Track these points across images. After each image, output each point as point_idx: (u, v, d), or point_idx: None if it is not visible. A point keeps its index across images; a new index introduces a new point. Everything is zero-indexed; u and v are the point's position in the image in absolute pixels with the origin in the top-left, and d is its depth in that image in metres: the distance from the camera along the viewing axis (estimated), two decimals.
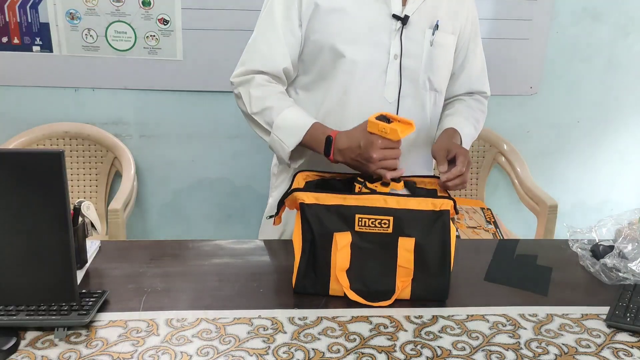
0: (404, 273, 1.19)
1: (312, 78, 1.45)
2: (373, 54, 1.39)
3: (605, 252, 1.36)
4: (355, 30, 1.37)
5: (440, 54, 1.44)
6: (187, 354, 1.02)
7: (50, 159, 0.95)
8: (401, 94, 1.42)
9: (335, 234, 1.18)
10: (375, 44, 1.39)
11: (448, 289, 1.21)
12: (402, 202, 1.18)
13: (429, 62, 1.43)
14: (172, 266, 1.33)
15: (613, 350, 1.08)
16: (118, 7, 2.38)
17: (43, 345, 1.04)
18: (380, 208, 1.18)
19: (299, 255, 1.21)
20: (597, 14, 2.63)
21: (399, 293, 1.19)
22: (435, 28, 1.41)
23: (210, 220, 2.75)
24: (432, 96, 1.48)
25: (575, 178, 2.90)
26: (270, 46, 1.41)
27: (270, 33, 1.41)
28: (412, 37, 1.40)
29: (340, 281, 1.18)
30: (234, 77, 1.44)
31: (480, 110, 1.57)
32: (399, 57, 1.39)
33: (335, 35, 1.37)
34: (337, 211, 1.18)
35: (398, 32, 1.39)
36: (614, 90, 2.77)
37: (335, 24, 1.37)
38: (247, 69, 1.42)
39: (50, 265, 1.00)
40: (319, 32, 1.39)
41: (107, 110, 2.53)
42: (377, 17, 1.38)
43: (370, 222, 1.18)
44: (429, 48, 1.42)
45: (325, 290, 1.21)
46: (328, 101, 1.43)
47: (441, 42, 1.43)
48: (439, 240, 1.19)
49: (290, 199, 1.22)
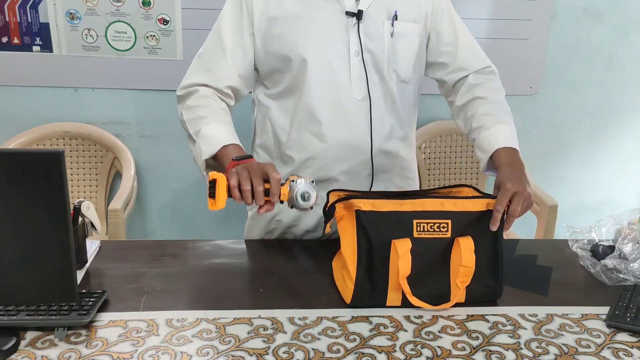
0: (464, 273, 1.16)
1: (280, 89, 1.44)
2: (333, 55, 1.38)
3: (605, 252, 1.36)
4: (311, 34, 1.37)
5: (403, 44, 1.42)
6: (187, 354, 1.02)
7: (50, 159, 0.95)
8: (370, 89, 1.41)
9: (394, 241, 1.15)
10: (333, 44, 1.38)
11: (502, 288, 1.20)
12: (459, 205, 1.17)
13: (392, 53, 1.41)
14: (172, 266, 1.33)
15: (613, 350, 1.07)
16: (118, 7, 2.38)
17: (43, 345, 1.04)
18: (438, 212, 1.16)
19: (354, 265, 1.16)
20: (597, 14, 2.63)
21: (461, 293, 1.17)
22: (394, 18, 1.39)
23: (210, 220, 2.75)
24: (402, 88, 1.46)
25: (575, 178, 2.90)
26: (216, 62, 1.40)
27: (216, 49, 1.40)
28: (370, 31, 1.38)
29: (403, 288, 1.14)
30: (179, 89, 1.42)
31: (503, 100, 1.47)
32: (360, 53, 1.38)
33: (292, 43, 1.37)
34: (393, 217, 1.16)
35: (355, 28, 1.38)
36: (614, 90, 2.77)
37: (291, 32, 1.37)
38: (192, 81, 1.41)
39: (50, 265, 1.00)
40: (276, 42, 1.38)
41: (107, 110, 2.54)
42: (331, 16, 1.37)
43: (429, 226, 1.16)
44: (390, 40, 1.40)
45: (382, 301, 1.17)
46: (300, 109, 1.42)
47: (403, 32, 1.41)
48: (492, 240, 1.19)
49: (346, 204, 1.18)
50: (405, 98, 1.48)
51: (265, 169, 1.15)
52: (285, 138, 1.46)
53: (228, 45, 1.39)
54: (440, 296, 1.17)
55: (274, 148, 1.49)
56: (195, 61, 1.44)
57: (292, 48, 1.37)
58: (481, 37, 2.54)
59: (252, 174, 1.13)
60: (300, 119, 1.42)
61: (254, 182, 1.12)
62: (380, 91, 1.43)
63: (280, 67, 1.41)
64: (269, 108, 1.47)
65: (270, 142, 1.50)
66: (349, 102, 1.40)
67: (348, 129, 1.42)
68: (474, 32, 1.52)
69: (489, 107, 1.43)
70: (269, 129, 1.49)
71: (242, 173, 1.13)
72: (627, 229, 1.39)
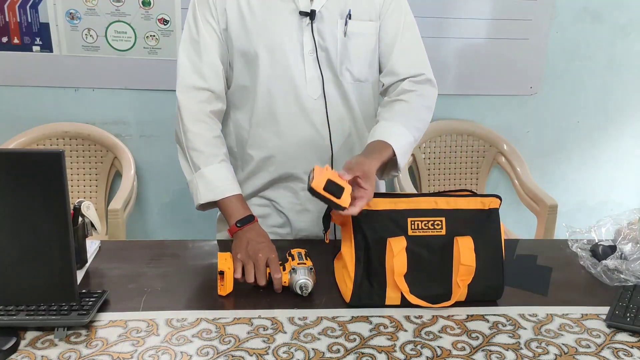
0: (465, 272, 1.16)
1: (236, 87, 1.45)
2: (287, 53, 1.39)
3: (605, 252, 1.36)
4: (265, 33, 1.38)
5: (357, 43, 1.42)
6: (187, 354, 1.02)
7: (50, 159, 0.95)
8: (325, 88, 1.41)
9: (389, 239, 1.15)
10: (287, 43, 1.39)
11: (503, 287, 1.21)
12: (452, 203, 1.18)
13: (344, 53, 1.41)
14: (172, 266, 1.33)
15: (613, 350, 1.07)
16: (118, 7, 2.38)
17: (43, 345, 1.04)
18: (431, 210, 1.18)
19: (352, 265, 1.17)
20: (597, 14, 2.63)
21: (461, 292, 1.17)
22: (347, 17, 1.39)
23: (211, 220, 2.74)
24: (357, 87, 1.45)
25: (575, 178, 2.90)
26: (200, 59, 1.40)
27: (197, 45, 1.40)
28: (323, 30, 1.39)
29: (400, 286, 1.15)
30: (179, 91, 1.42)
31: (424, 106, 1.44)
32: (315, 52, 1.39)
33: (245, 40, 1.39)
34: (388, 216, 1.17)
35: (308, 28, 1.38)
36: (614, 90, 2.77)
37: (245, 29, 1.38)
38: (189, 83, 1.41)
39: (50, 265, 1.00)
40: (234, 42, 1.39)
41: (107, 110, 2.54)
42: (286, 16, 1.38)
43: (423, 224, 1.17)
44: (343, 39, 1.40)
45: (381, 300, 1.17)
46: (257, 107, 1.43)
47: (356, 31, 1.41)
48: (492, 239, 1.19)
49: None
50: (361, 97, 1.48)
51: (268, 261, 1.23)
52: (246, 136, 1.47)
53: (208, 40, 1.39)
54: (441, 295, 1.18)
55: (237, 149, 1.51)
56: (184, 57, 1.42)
57: (245, 45, 1.39)
58: (481, 37, 2.55)
59: (256, 267, 1.22)
60: (258, 117, 1.44)
61: (257, 277, 1.21)
62: (335, 90, 1.44)
63: (235, 63, 1.42)
64: (230, 107, 1.49)
65: (233, 143, 1.51)
66: (305, 100, 1.41)
67: (306, 128, 1.43)
68: (474, 32, 1.51)
69: (403, 109, 1.41)
70: (231, 129, 1.50)
71: (247, 265, 1.22)
72: (626, 229, 1.39)
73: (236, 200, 1.37)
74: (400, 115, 1.40)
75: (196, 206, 1.41)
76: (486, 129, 2.69)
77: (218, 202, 1.37)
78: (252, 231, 1.31)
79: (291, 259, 1.24)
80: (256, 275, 1.21)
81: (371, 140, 1.34)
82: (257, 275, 1.22)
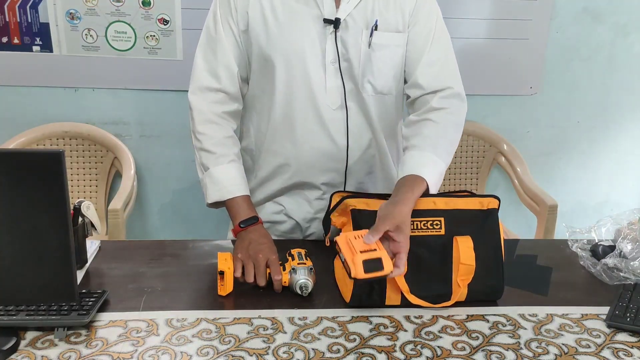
0: (465, 271, 1.16)
1: (256, 91, 1.44)
2: (307, 61, 1.36)
3: (605, 252, 1.36)
4: (287, 38, 1.35)
5: (381, 55, 1.37)
6: (187, 354, 1.02)
7: (50, 159, 0.95)
8: (347, 99, 1.38)
9: None
10: (308, 50, 1.35)
11: (503, 287, 1.21)
12: (451, 203, 1.19)
13: (367, 64, 1.37)
14: (172, 266, 1.33)
15: (613, 350, 1.07)
16: (118, 7, 2.38)
17: (43, 345, 1.04)
18: (430, 210, 1.18)
19: None
20: (597, 14, 2.63)
21: (461, 292, 1.18)
22: (373, 28, 1.35)
23: (210, 220, 2.75)
24: (378, 99, 1.42)
25: (575, 178, 2.90)
26: (215, 58, 1.39)
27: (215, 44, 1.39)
28: (347, 40, 1.35)
29: (400, 286, 1.15)
30: (191, 93, 1.43)
31: (454, 124, 1.38)
32: (337, 61, 1.36)
33: (266, 45, 1.36)
34: None
35: (332, 37, 1.35)
36: (614, 90, 2.77)
37: (267, 33, 1.35)
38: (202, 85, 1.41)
39: (50, 265, 1.00)
40: (254, 45, 1.38)
41: (107, 110, 2.53)
42: (310, 22, 1.35)
43: (422, 224, 1.17)
44: (367, 50, 1.36)
45: (382, 301, 1.17)
46: (274, 114, 1.41)
47: (382, 43, 1.37)
48: (491, 239, 1.19)
49: (341, 207, 1.20)
50: (383, 109, 1.44)
51: (268, 262, 1.23)
52: (263, 140, 1.46)
53: (225, 42, 1.38)
54: (441, 295, 1.18)
55: (256, 152, 1.50)
56: (200, 57, 1.42)
57: (265, 48, 1.36)
58: (481, 37, 2.54)
59: (257, 268, 1.23)
60: (275, 123, 1.42)
61: (257, 277, 1.22)
62: (355, 101, 1.41)
63: (254, 66, 1.41)
64: (249, 111, 1.48)
65: (252, 145, 1.50)
66: (323, 110, 1.39)
67: (322, 138, 1.41)
68: (473, 32, 1.50)
69: (432, 132, 1.33)
70: (251, 132, 1.49)
71: (247, 265, 1.23)
72: (627, 228, 1.39)
73: (242, 201, 1.36)
74: (430, 140, 1.31)
75: (206, 205, 1.42)
76: (486, 129, 2.69)
77: (225, 202, 1.38)
78: (255, 232, 1.31)
79: (291, 259, 1.24)
80: (256, 276, 1.22)
81: (402, 174, 1.25)
82: (256, 275, 1.22)
